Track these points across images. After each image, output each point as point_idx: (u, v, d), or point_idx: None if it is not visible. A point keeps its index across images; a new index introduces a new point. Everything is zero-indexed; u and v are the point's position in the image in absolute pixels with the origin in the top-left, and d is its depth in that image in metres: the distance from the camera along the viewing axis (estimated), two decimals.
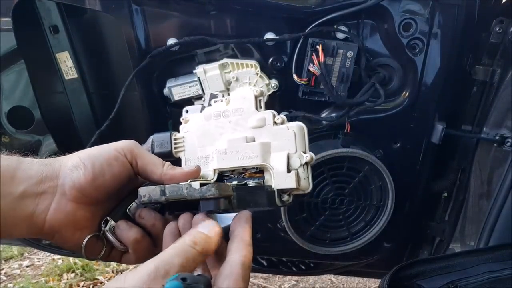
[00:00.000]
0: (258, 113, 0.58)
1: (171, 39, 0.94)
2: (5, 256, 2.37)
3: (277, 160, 0.56)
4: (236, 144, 0.57)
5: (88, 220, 0.54)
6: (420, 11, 0.94)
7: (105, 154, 0.54)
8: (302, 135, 0.56)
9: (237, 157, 0.57)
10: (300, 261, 1.29)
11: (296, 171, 0.55)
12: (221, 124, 0.60)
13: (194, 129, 0.61)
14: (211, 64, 0.93)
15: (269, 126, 0.57)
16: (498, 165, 1.00)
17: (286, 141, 0.56)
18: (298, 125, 0.56)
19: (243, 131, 0.58)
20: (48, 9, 0.98)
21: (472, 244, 1.08)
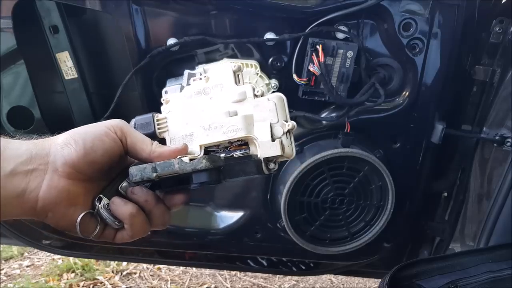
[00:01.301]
0: (238, 87, 0.59)
1: (171, 39, 0.94)
2: (5, 256, 2.37)
3: (261, 130, 0.58)
4: (219, 119, 0.59)
5: (82, 197, 0.54)
6: (420, 11, 0.95)
7: (95, 131, 0.54)
8: (282, 105, 0.58)
9: (222, 131, 0.59)
10: (300, 261, 1.29)
11: (280, 139, 0.58)
12: (202, 101, 0.60)
13: (175, 109, 0.62)
14: (211, 64, 0.93)
15: (249, 99, 0.58)
16: (498, 165, 1.00)
17: (268, 112, 0.58)
18: (277, 96, 0.58)
19: (225, 106, 0.59)
20: (48, 9, 0.98)
21: (472, 244, 1.08)
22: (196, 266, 1.88)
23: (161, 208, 0.57)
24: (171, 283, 2.20)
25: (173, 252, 1.26)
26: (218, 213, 1.16)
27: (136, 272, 2.28)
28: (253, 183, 1.11)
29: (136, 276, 2.26)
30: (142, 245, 1.22)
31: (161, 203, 0.57)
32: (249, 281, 2.22)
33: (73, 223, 0.54)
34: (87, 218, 0.54)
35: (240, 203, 1.15)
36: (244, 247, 1.18)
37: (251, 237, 1.16)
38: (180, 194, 0.58)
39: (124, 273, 2.27)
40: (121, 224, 0.56)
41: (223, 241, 1.17)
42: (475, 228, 1.08)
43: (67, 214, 0.54)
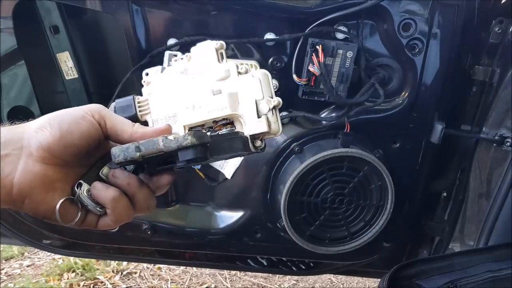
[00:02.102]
0: (221, 65, 0.57)
1: (171, 39, 0.94)
2: (5, 255, 2.37)
3: (246, 108, 0.57)
4: (203, 98, 0.58)
5: (60, 182, 0.52)
6: (419, 11, 0.95)
7: (72, 114, 0.53)
8: (267, 81, 0.57)
9: (206, 111, 0.57)
10: (300, 261, 1.29)
11: (266, 115, 0.57)
12: (185, 81, 0.59)
13: (157, 90, 0.60)
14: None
15: (233, 76, 0.57)
16: (498, 164, 1.00)
17: (252, 89, 0.57)
18: (262, 72, 0.57)
19: (208, 85, 0.58)
20: (48, 9, 0.98)
21: (472, 244, 1.08)
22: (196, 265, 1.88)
23: (145, 191, 0.55)
24: (171, 283, 2.20)
25: (173, 251, 1.26)
26: (218, 213, 1.17)
27: (137, 272, 2.28)
28: (253, 183, 1.11)
29: (136, 275, 2.27)
30: (142, 245, 1.22)
31: (145, 186, 0.55)
32: (249, 281, 2.22)
33: (52, 210, 0.52)
34: (67, 205, 0.52)
35: (240, 203, 1.15)
36: (244, 247, 1.18)
37: (251, 237, 1.16)
38: (165, 175, 0.57)
39: (125, 272, 2.28)
40: (104, 210, 0.54)
41: (223, 241, 1.17)
42: (474, 228, 1.08)
43: (45, 201, 0.52)
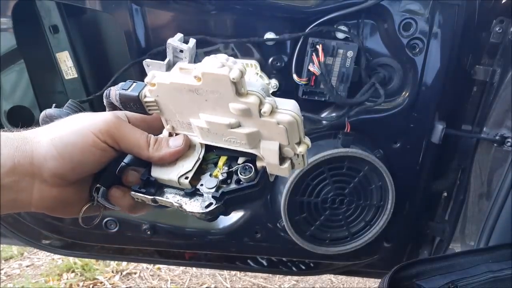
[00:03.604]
0: (240, 101, 0.46)
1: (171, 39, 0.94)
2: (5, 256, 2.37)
3: (268, 150, 0.50)
4: (219, 128, 0.50)
5: (77, 195, 0.53)
6: (420, 11, 0.94)
7: (82, 143, 0.49)
8: (295, 128, 0.48)
9: (223, 139, 0.51)
10: (300, 261, 1.29)
11: (290, 160, 0.51)
12: (197, 100, 0.49)
13: (164, 95, 0.51)
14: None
15: (255, 116, 0.47)
16: (498, 165, 1.00)
17: (277, 134, 0.48)
18: (289, 121, 0.47)
19: (225, 114, 0.48)
20: (48, 9, 0.98)
21: (472, 244, 1.08)
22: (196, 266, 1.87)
23: None
24: (171, 283, 2.20)
25: (173, 252, 1.26)
26: None
27: (136, 272, 2.28)
28: None
29: (136, 276, 2.26)
30: (142, 245, 1.22)
31: None
32: (249, 281, 2.22)
33: (75, 215, 0.54)
34: (88, 209, 0.54)
35: None
36: (244, 247, 1.18)
37: (251, 237, 1.15)
38: None
39: (124, 273, 2.27)
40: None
41: (223, 241, 1.17)
42: (475, 228, 1.08)
43: (66, 213, 0.54)
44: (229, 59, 0.45)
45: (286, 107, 0.47)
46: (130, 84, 0.53)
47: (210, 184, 0.52)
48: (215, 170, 0.54)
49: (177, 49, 0.49)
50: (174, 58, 0.50)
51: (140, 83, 0.52)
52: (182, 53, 0.50)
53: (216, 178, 0.53)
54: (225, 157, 0.53)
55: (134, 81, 0.53)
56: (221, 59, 0.45)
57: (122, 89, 0.53)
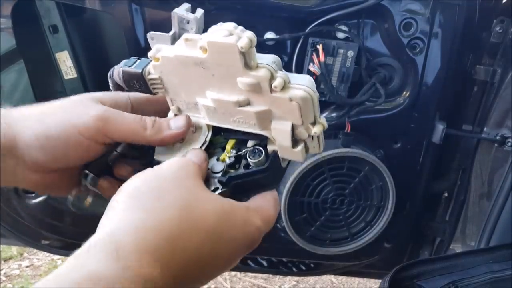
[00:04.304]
0: (249, 74, 0.41)
1: None
2: (4, 256, 2.37)
3: (279, 131, 0.45)
4: (227, 106, 0.46)
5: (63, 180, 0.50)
6: (420, 11, 0.94)
7: (66, 139, 0.46)
8: (310, 106, 0.43)
9: (231, 119, 0.47)
10: (300, 262, 1.28)
11: (304, 143, 0.46)
12: (203, 75, 0.44)
13: (169, 71, 0.47)
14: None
15: (265, 92, 0.43)
16: (499, 165, 1.00)
17: (289, 113, 0.44)
18: (303, 96, 0.42)
19: (233, 90, 0.44)
20: (47, 8, 0.98)
21: (473, 244, 1.08)
22: None
23: None
24: None
25: None
26: None
27: None
28: None
29: None
30: None
31: None
32: (249, 282, 2.21)
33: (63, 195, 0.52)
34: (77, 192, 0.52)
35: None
36: None
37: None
38: None
39: None
40: None
41: None
42: (475, 229, 1.07)
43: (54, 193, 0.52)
44: (238, 27, 0.41)
45: (300, 82, 0.42)
46: (134, 61, 0.50)
47: (216, 168, 0.49)
48: (222, 154, 0.50)
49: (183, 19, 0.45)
50: (180, 30, 0.46)
51: (144, 59, 0.49)
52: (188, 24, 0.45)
53: (223, 162, 0.49)
54: (234, 140, 0.50)
55: (138, 58, 0.50)
56: (228, 27, 0.41)
57: (125, 65, 0.49)
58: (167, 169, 0.41)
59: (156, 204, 0.37)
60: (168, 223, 0.36)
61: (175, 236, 0.36)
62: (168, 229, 0.36)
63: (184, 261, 0.36)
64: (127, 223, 0.36)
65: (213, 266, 0.40)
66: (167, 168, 0.41)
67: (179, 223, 0.36)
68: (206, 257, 0.38)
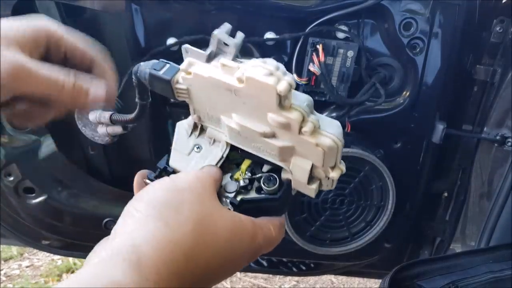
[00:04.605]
0: (281, 114, 0.42)
1: (171, 39, 0.94)
2: (4, 256, 2.37)
3: (299, 167, 0.46)
4: (252, 132, 0.46)
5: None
6: (420, 11, 0.94)
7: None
8: (334, 154, 0.44)
9: (252, 144, 0.48)
10: (300, 262, 1.28)
11: (319, 181, 0.48)
12: (233, 100, 0.45)
13: (198, 86, 0.47)
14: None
15: (294, 132, 0.43)
16: (499, 165, 1.00)
17: (312, 155, 0.45)
18: (330, 145, 0.42)
19: (261, 121, 0.44)
20: (47, 8, 0.98)
21: (473, 244, 1.08)
22: None
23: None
24: None
25: None
26: None
27: None
28: None
29: None
30: None
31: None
32: (249, 282, 2.21)
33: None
34: None
35: None
36: None
37: None
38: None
39: None
40: None
41: None
42: (475, 229, 1.07)
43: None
44: (280, 68, 0.41)
45: (329, 130, 0.43)
46: (163, 65, 0.49)
47: (230, 188, 0.49)
48: (237, 172, 0.51)
49: (223, 42, 0.45)
50: (217, 50, 0.45)
51: (174, 65, 0.48)
52: (227, 47, 0.45)
53: (237, 182, 0.50)
54: (249, 161, 0.50)
55: (167, 62, 0.49)
56: (270, 66, 0.41)
57: (154, 69, 0.49)
58: (185, 181, 0.41)
59: (176, 217, 0.38)
60: (186, 237, 0.37)
61: (190, 249, 0.37)
62: (185, 243, 0.37)
63: (195, 274, 0.37)
64: (149, 234, 0.36)
65: (218, 276, 0.41)
66: (185, 179, 0.42)
67: (194, 237, 0.38)
68: (214, 269, 0.39)
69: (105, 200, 1.12)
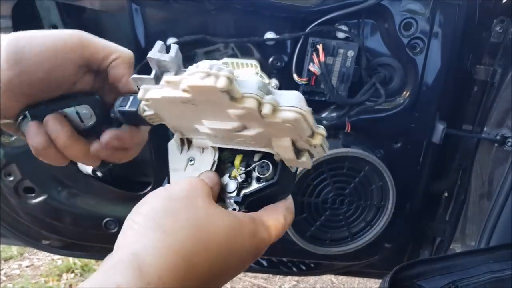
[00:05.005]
0: (236, 106, 0.42)
1: (171, 38, 0.94)
2: (4, 256, 2.37)
3: (281, 147, 0.46)
4: (225, 132, 0.47)
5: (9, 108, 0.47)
6: (420, 11, 0.94)
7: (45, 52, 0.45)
8: (304, 123, 0.43)
9: (234, 141, 0.48)
10: (300, 261, 1.28)
11: (307, 152, 0.47)
12: (194, 109, 0.45)
13: (162, 109, 0.48)
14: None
15: (257, 118, 0.43)
16: (499, 165, 1.00)
17: (285, 132, 0.44)
18: (295, 118, 0.42)
19: (227, 118, 0.44)
20: (47, 8, 0.98)
21: (473, 244, 1.08)
22: None
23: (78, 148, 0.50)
24: None
25: None
26: None
27: None
28: None
29: None
30: None
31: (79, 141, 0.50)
32: (249, 281, 2.21)
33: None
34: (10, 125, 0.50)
35: None
36: None
37: None
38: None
39: None
40: None
41: None
42: (475, 229, 1.07)
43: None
44: (213, 66, 0.41)
45: (288, 103, 0.43)
46: (128, 99, 0.51)
47: (230, 188, 0.50)
48: (233, 170, 0.51)
49: (160, 61, 0.45)
50: (161, 69, 0.46)
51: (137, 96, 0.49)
52: (167, 62, 0.46)
53: (235, 180, 0.51)
54: (241, 155, 0.51)
55: (131, 95, 0.51)
56: (203, 68, 0.41)
57: (120, 106, 0.51)
58: (178, 190, 0.43)
59: (173, 225, 0.39)
60: (184, 243, 0.39)
61: (190, 254, 0.38)
62: (184, 248, 0.38)
63: (198, 277, 0.39)
64: (149, 244, 0.38)
65: (222, 277, 0.43)
66: (178, 188, 0.43)
67: (193, 241, 0.39)
68: (216, 271, 0.41)
69: (105, 200, 1.12)
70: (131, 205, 0.43)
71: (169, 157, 0.54)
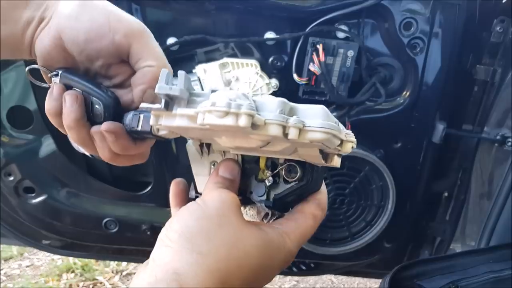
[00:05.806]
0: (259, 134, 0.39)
1: (171, 38, 0.94)
2: (4, 256, 2.37)
3: (308, 156, 0.45)
4: (248, 149, 0.45)
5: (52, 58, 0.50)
6: (421, 11, 0.94)
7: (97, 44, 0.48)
8: (332, 139, 0.41)
9: (257, 152, 0.47)
10: (300, 261, 1.28)
11: (336, 154, 0.46)
12: (215, 133, 0.44)
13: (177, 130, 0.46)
14: (211, 64, 0.92)
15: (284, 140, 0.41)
16: (499, 165, 1.00)
17: (313, 148, 0.43)
18: (322, 137, 0.40)
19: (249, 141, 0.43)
20: None
21: (473, 244, 1.08)
22: None
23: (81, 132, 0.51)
24: None
25: None
26: None
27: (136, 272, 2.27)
28: None
29: None
30: (142, 246, 1.22)
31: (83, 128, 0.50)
32: None
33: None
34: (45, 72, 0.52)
35: None
36: None
37: None
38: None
39: (124, 273, 2.27)
40: None
41: None
42: (476, 228, 1.07)
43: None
44: (232, 103, 0.37)
45: (315, 123, 0.40)
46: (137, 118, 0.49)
47: (259, 192, 0.50)
48: (259, 172, 0.50)
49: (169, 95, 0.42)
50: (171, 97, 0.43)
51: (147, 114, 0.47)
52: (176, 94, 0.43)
53: (263, 183, 0.50)
54: (265, 157, 0.49)
55: (139, 112, 0.49)
56: (221, 107, 0.37)
57: (132, 127, 0.49)
58: (212, 207, 0.44)
59: (208, 245, 0.41)
60: (218, 264, 0.40)
61: (225, 274, 0.40)
62: (219, 270, 0.40)
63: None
64: (187, 265, 0.40)
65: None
66: (212, 206, 0.44)
67: (227, 262, 0.41)
68: (249, 286, 0.43)
69: (105, 200, 1.12)
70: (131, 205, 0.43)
71: (190, 160, 0.53)
